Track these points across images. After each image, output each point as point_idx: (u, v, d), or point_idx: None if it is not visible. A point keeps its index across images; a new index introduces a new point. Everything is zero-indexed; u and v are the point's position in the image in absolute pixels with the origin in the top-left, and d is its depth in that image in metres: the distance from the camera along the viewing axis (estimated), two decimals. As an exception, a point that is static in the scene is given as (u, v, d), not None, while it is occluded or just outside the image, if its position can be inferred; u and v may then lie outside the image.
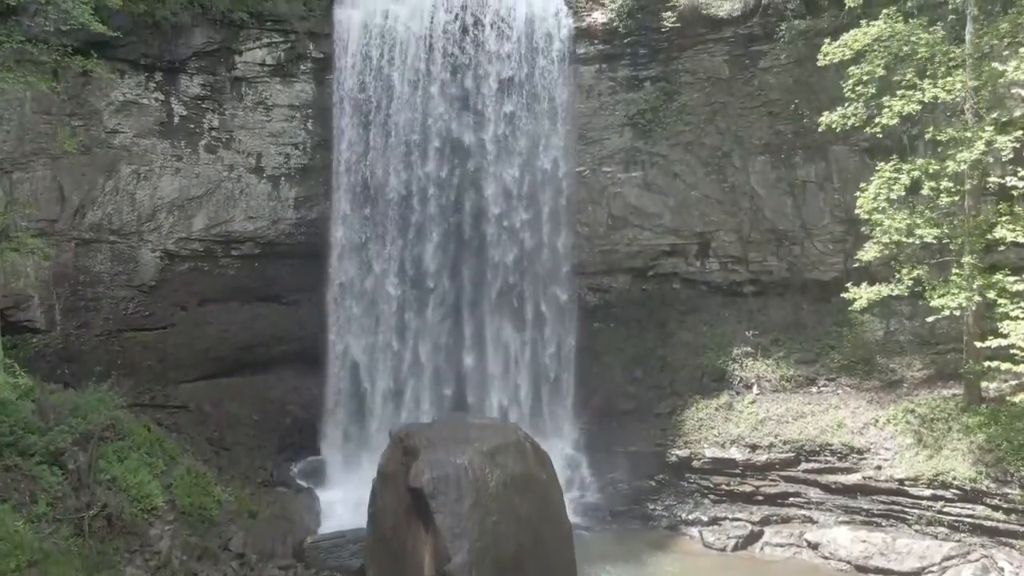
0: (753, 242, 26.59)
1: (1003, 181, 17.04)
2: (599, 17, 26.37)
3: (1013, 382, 19.51)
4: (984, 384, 20.13)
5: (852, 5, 19.63)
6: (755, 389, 24.78)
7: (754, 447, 22.79)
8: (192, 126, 24.27)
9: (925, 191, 18.10)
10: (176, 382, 25.00)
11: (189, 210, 24.56)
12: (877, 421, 21.68)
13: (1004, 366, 17.44)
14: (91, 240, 22.85)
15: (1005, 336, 16.68)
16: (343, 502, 22.14)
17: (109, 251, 23.24)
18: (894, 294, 19.67)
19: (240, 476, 21.33)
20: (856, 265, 21.23)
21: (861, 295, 20.07)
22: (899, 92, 18.61)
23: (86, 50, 19.28)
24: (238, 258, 26.12)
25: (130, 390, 22.81)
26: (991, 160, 17.69)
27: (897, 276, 19.63)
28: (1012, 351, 16.39)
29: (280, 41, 25.28)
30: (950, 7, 18.71)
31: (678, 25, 24.37)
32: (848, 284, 20.71)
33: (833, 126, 20.18)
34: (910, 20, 19.18)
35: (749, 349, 25.58)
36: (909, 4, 19.12)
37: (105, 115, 22.54)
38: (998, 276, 17.49)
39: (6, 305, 20.82)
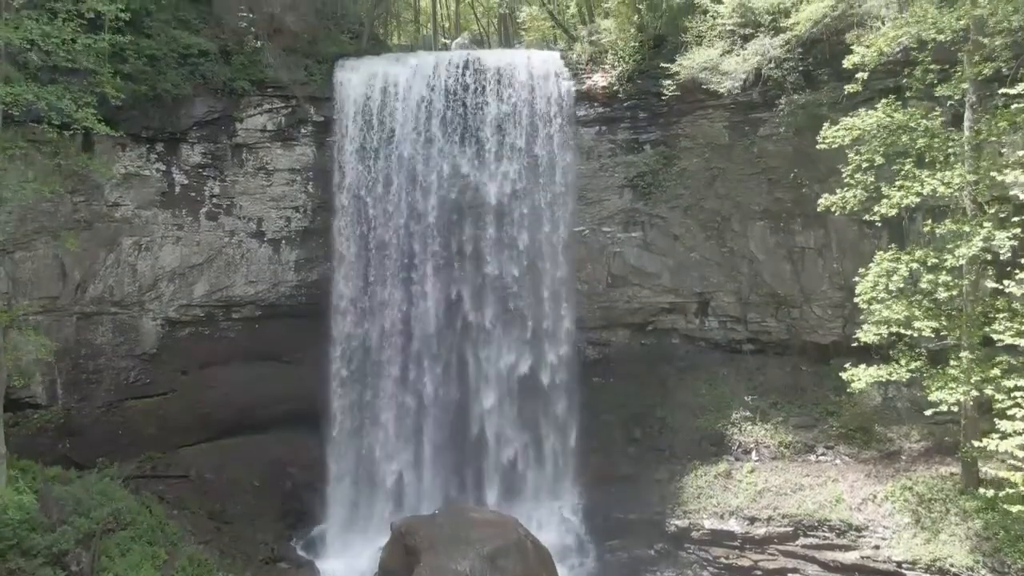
0: (752, 304, 26.73)
1: (1000, 286, 17.06)
2: (599, 80, 26.46)
3: (1010, 462, 19.59)
4: (982, 466, 20.22)
5: (852, 91, 19.67)
6: (754, 455, 24.88)
7: (753, 520, 22.89)
8: (193, 194, 24.35)
9: (924, 284, 18.17)
10: (177, 447, 25.09)
11: (190, 277, 24.65)
12: (875, 497, 21.79)
13: (1002, 445, 17.44)
14: (93, 313, 22.95)
15: (1003, 436, 16.75)
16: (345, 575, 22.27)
17: (110, 323, 23.33)
18: (893, 379, 19.76)
19: (242, 555, 21.40)
20: (855, 341, 21.26)
21: (860, 377, 20.13)
22: (898, 182, 18.69)
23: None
24: (239, 320, 26.23)
25: (131, 460, 23.03)
26: (988, 257, 17.76)
27: (895, 360, 19.72)
28: (1009, 455, 16.47)
29: (281, 106, 25.37)
30: (950, 87, 18.70)
31: (678, 93, 24.37)
32: (847, 364, 20.71)
33: (832, 209, 20.25)
34: (909, 107, 19.25)
35: (748, 413, 25.68)
36: (908, 94, 19.15)
37: (107, 189, 22.64)
38: (995, 372, 17.58)
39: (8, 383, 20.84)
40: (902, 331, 18.54)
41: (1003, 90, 16.84)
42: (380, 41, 29.79)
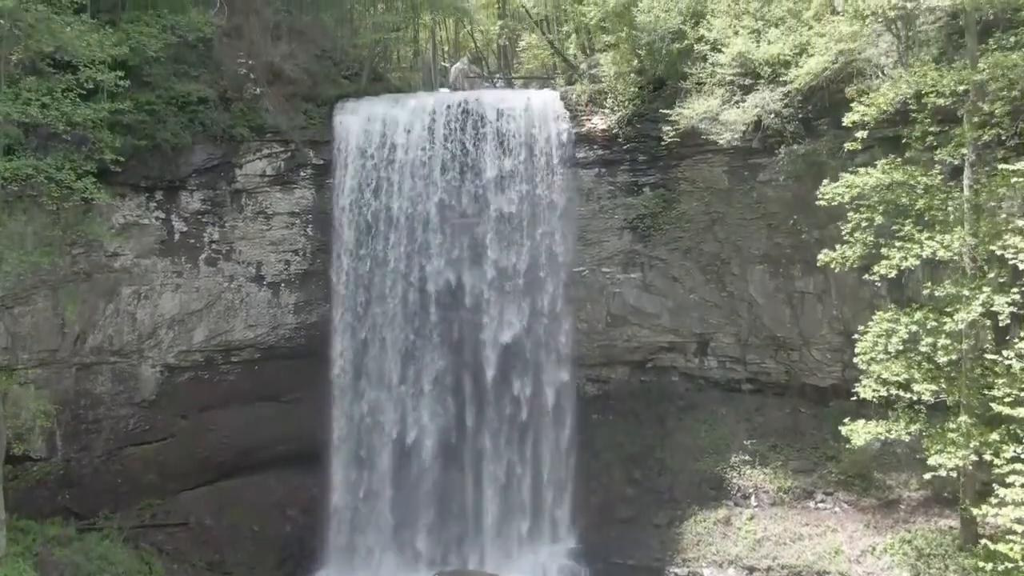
0: (751, 345, 26.75)
1: (998, 358, 17.07)
2: (599, 123, 26.45)
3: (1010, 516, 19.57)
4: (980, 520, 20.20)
5: (851, 148, 19.65)
6: (753, 500, 24.91)
7: (752, 569, 22.93)
8: (192, 241, 24.32)
9: (923, 347, 18.16)
10: (176, 492, 25.10)
11: (189, 324, 24.62)
12: (874, 549, 21.84)
13: (1000, 517, 17.44)
14: (92, 364, 22.92)
15: (1002, 504, 16.76)
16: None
17: (110, 372, 23.31)
18: (892, 436, 19.75)
19: (242, 608, 21.44)
20: (854, 395, 21.24)
21: (858, 432, 20.12)
22: (897, 244, 18.66)
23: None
24: (238, 363, 26.18)
25: (131, 508, 23.04)
26: (988, 323, 17.75)
27: (895, 417, 19.71)
28: (1007, 527, 16.47)
29: (280, 151, 25.33)
30: (949, 150, 18.68)
31: (677, 140, 24.36)
32: (847, 419, 20.68)
33: (832, 265, 20.22)
34: (908, 165, 19.20)
35: (747, 457, 25.70)
36: (908, 153, 19.12)
37: (104, 232, 22.52)
38: (994, 437, 17.57)
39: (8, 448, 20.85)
40: (901, 393, 18.51)
41: (1002, 166, 16.80)
42: (380, 77, 29.68)
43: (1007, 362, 16.79)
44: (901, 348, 18.51)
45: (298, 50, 24.44)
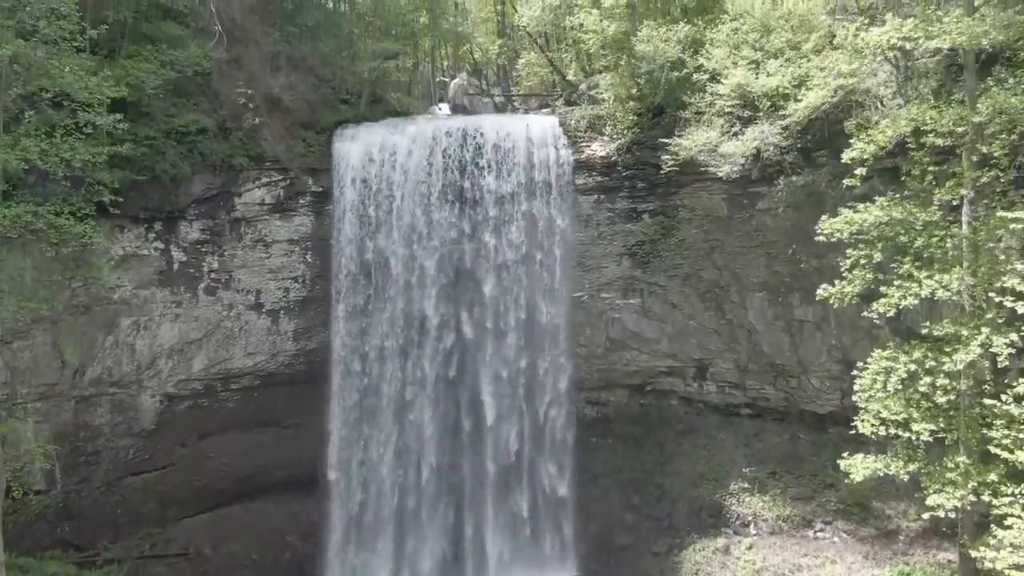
0: (750, 371, 26.79)
1: (995, 403, 17.08)
2: (598, 150, 26.46)
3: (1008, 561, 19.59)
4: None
5: (850, 184, 19.63)
6: (752, 528, 24.94)
7: (751, 601, 22.97)
8: (191, 270, 24.30)
9: (922, 386, 18.15)
10: (176, 520, 25.11)
11: (188, 353, 24.62)
12: (873, 582, 21.86)
13: (999, 561, 17.49)
14: (91, 396, 22.91)
15: (999, 547, 16.77)
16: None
17: (109, 403, 23.31)
18: (891, 472, 19.73)
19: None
20: (853, 428, 21.24)
21: (857, 467, 20.07)
22: (896, 282, 18.64)
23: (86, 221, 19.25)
24: (237, 390, 26.18)
25: (131, 538, 23.03)
26: (987, 364, 17.75)
27: (894, 454, 19.69)
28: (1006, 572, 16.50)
29: (279, 179, 25.32)
30: (948, 190, 18.65)
31: (676, 169, 24.35)
32: (844, 454, 20.66)
33: (831, 301, 20.19)
34: (907, 201, 19.15)
35: (746, 484, 25.73)
36: (907, 192, 19.08)
37: (105, 272, 22.53)
38: (992, 478, 17.58)
39: (7, 459, 20.81)
40: (900, 433, 18.50)
41: (1000, 213, 16.78)
42: (379, 98, 29.63)
43: (1005, 407, 16.77)
44: (900, 387, 18.50)
45: (297, 80, 24.40)
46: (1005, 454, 16.75)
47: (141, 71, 19.92)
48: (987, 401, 17.29)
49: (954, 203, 18.45)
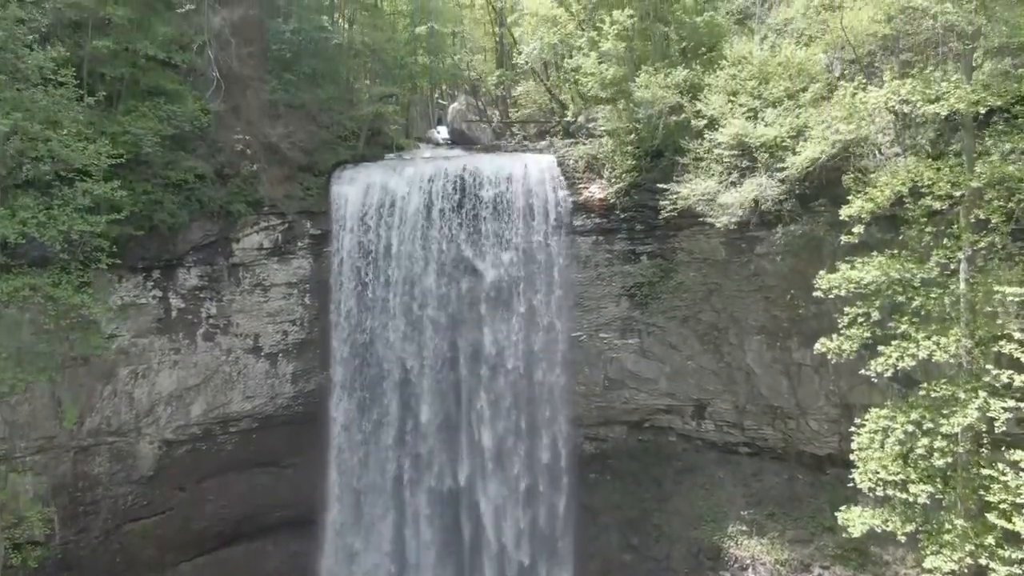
0: (749, 412, 26.80)
1: (993, 472, 17.10)
2: (596, 192, 26.45)
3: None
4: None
5: (848, 240, 19.60)
6: (751, 573, 24.98)
7: (750, 650, 23.02)
8: (190, 317, 24.29)
9: (920, 448, 18.18)
10: (175, 564, 25.17)
11: (187, 399, 24.63)
12: (871, 633, 21.89)
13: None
14: (89, 446, 22.89)
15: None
16: None
17: (107, 452, 23.31)
18: (888, 529, 19.76)
19: None
20: (851, 481, 21.27)
21: (855, 522, 20.11)
22: (894, 342, 18.65)
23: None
24: (236, 433, 26.21)
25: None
26: (984, 428, 17.78)
27: (891, 509, 19.72)
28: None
29: (277, 223, 25.33)
30: (945, 253, 18.65)
31: (675, 215, 24.33)
32: (842, 507, 20.72)
33: (829, 357, 20.20)
34: (905, 263, 19.11)
35: (744, 527, 25.77)
36: (904, 252, 19.06)
37: (103, 322, 22.51)
38: (989, 541, 17.61)
39: (6, 525, 20.85)
40: (897, 494, 18.53)
41: (997, 287, 16.79)
42: (377, 131, 29.54)
43: (1003, 477, 16.80)
44: (898, 448, 18.53)
45: (295, 127, 24.33)
46: (1002, 522, 16.77)
47: (139, 128, 19.85)
48: (985, 472, 17.27)
49: (951, 266, 18.46)
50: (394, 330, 26.20)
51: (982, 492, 18.18)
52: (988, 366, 17.06)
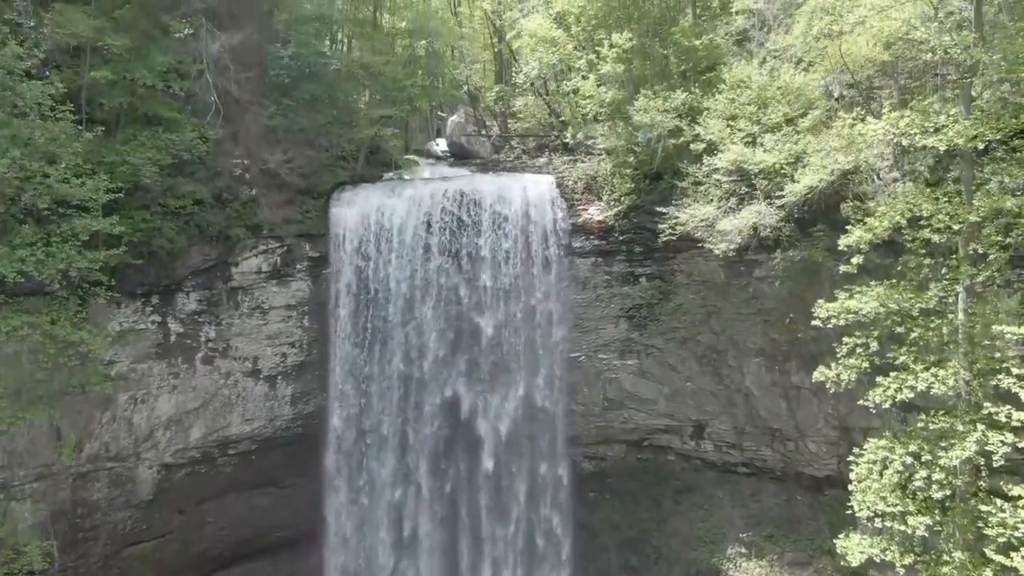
0: (748, 433, 26.84)
1: (990, 508, 17.11)
2: (595, 214, 26.46)
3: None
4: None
5: (847, 270, 19.58)
6: (749, 596, 25.03)
7: (748, 675, 23.04)
8: (189, 341, 24.27)
9: (918, 481, 18.18)
10: (174, 587, 25.14)
11: (186, 423, 24.62)
12: (869, 659, 21.89)
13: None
14: (88, 472, 22.88)
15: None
16: None
17: (106, 477, 23.29)
18: (887, 559, 19.78)
19: None
20: (849, 508, 21.28)
21: (854, 550, 20.10)
22: (892, 374, 18.65)
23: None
24: (235, 455, 26.20)
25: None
26: (982, 461, 17.78)
27: (891, 544, 19.71)
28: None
29: (276, 247, 25.31)
30: (943, 287, 18.62)
31: (674, 239, 24.32)
32: (841, 533, 20.72)
33: (828, 386, 20.19)
34: (903, 293, 19.09)
35: (743, 549, 25.80)
36: (903, 283, 19.04)
37: (102, 350, 22.46)
38: (988, 574, 17.62)
39: (4, 560, 20.86)
40: (895, 526, 18.54)
41: (995, 327, 16.79)
42: (376, 148, 29.50)
43: (1001, 513, 16.82)
44: (896, 480, 18.53)
45: (294, 152, 24.28)
46: (1000, 558, 16.79)
47: (138, 158, 19.83)
48: (982, 507, 17.28)
49: (949, 299, 18.46)
50: (392, 350, 26.21)
51: (980, 524, 18.20)
52: (987, 404, 16.97)
